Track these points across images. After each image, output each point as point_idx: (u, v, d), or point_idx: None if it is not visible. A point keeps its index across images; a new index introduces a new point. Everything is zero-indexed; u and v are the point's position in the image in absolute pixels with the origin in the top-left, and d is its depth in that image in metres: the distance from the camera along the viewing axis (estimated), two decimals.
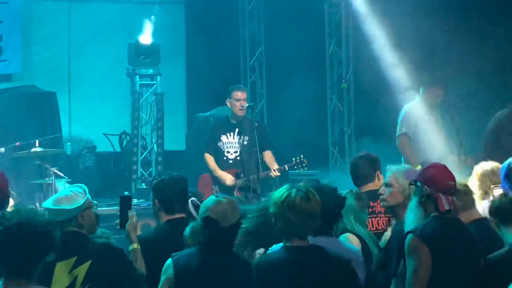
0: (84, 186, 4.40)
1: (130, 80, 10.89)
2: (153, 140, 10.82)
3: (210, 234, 3.92)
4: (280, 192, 3.81)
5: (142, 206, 8.85)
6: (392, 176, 4.77)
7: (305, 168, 8.04)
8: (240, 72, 12.26)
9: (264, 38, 12.09)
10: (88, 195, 4.30)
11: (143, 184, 10.41)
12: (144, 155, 10.78)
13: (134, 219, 4.53)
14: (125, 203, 4.59)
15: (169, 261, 4.01)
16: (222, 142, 8.26)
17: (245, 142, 8.16)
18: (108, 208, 8.61)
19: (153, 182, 5.03)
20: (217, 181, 8.16)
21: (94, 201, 4.36)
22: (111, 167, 10.41)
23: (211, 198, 4.05)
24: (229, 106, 8.30)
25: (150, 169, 10.72)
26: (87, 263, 4.07)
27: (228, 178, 8.07)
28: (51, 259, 3.98)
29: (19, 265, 3.14)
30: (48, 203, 4.27)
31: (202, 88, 11.72)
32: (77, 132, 11.70)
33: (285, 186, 3.86)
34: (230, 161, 8.22)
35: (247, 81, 12.11)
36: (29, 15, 11.79)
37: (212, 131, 8.50)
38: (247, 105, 8.18)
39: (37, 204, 8.45)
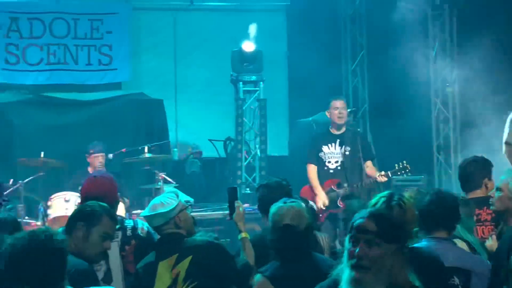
0: (176, 190, 4.61)
1: (234, 86, 11.10)
2: (257, 146, 10.97)
3: (290, 240, 3.92)
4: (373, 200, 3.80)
5: (247, 211, 8.96)
6: (505, 181, 4.69)
7: (409, 174, 7.98)
8: (341, 77, 12.25)
9: (365, 42, 12.04)
10: (181, 198, 4.48)
11: (247, 189, 10.57)
12: (248, 160, 10.94)
13: (240, 208, 4.65)
14: (232, 194, 4.71)
15: (260, 277, 3.92)
16: (324, 153, 8.32)
17: (347, 152, 8.19)
18: (212, 213, 8.81)
19: (258, 188, 5.17)
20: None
21: (189, 200, 4.53)
22: (216, 172, 10.63)
23: (280, 206, 4.06)
24: (329, 117, 8.39)
25: (254, 174, 10.87)
26: (188, 259, 4.20)
27: (321, 200, 8.11)
28: (152, 259, 4.17)
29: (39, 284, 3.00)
30: (146, 212, 4.47)
31: (304, 93, 11.76)
32: (184, 138, 11.96)
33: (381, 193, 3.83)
34: (331, 171, 8.26)
35: (349, 86, 12.09)
36: (137, 25, 12.16)
37: (313, 141, 8.56)
38: (348, 110, 8.24)
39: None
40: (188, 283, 4.03)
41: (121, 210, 7.43)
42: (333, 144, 8.29)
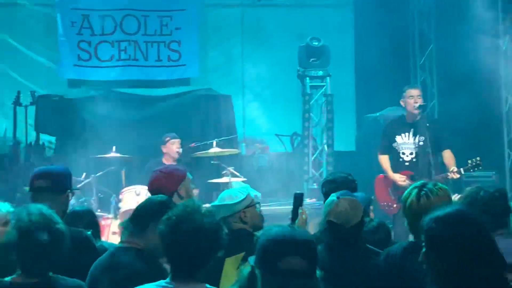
0: (248, 186, 4.66)
1: (300, 82, 11.09)
2: (323, 141, 10.94)
3: (334, 236, 3.92)
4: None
5: (314, 206, 8.99)
6: None
7: (480, 168, 7.79)
8: (409, 71, 12.09)
9: (434, 36, 11.85)
10: (252, 195, 4.52)
11: (314, 184, 10.56)
12: (315, 155, 10.93)
13: (303, 215, 4.64)
14: (297, 200, 4.71)
15: None
16: (397, 143, 8.16)
17: (421, 143, 8.00)
18: (280, 207, 8.83)
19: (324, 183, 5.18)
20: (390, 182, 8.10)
21: (257, 195, 4.58)
22: (283, 167, 10.65)
23: (331, 200, 4.06)
24: (404, 106, 8.23)
25: (321, 170, 10.85)
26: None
27: (401, 180, 7.96)
28: (221, 255, 4.21)
29: (187, 266, 3.11)
30: (215, 202, 4.57)
31: (371, 88, 11.67)
32: (251, 133, 12.03)
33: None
34: (406, 163, 8.09)
35: (417, 80, 11.91)
36: (205, 21, 12.27)
37: (386, 131, 8.42)
38: (422, 104, 8.10)
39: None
40: None
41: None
42: (407, 134, 8.14)
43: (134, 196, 8.42)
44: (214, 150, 9.18)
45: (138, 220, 3.89)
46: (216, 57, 12.31)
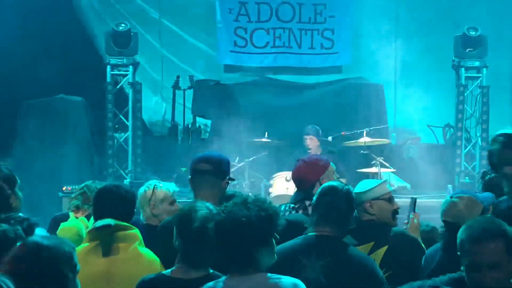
0: (394, 175, 4.59)
1: (455, 72, 10.77)
2: (477, 134, 10.59)
3: (450, 236, 3.77)
4: None
5: None
6: None
7: None
8: None
9: None
10: (389, 187, 4.44)
11: (466, 178, 10.26)
12: (468, 148, 10.61)
13: (415, 220, 4.65)
14: (411, 206, 4.75)
15: None
16: None
17: None
18: (430, 200, 8.67)
19: (486, 178, 5.00)
20: None
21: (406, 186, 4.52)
22: (434, 159, 10.41)
23: (446, 200, 3.98)
24: None
25: (474, 163, 10.52)
26: (383, 249, 4.18)
27: None
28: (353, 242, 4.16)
29: (240, 255, 3.11)
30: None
31: None
32: (402, 123, 11.83)
33: None
34: None
35: None
36: (360, 8, 12.15)
37: None
38: None
39: None
40: (383, 271, 3.97)
41: None
42: None
43: (284, 182, 8.54)
44: (364, 139, 9.14)
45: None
46: (369, 45, 12.10)
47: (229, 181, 4.41)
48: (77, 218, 5.75)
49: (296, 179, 4.86)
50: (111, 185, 4.27)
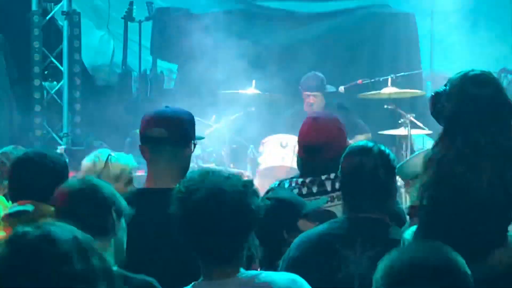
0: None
1: None
2: None
3: None
4: None
5: None
6: None
7: None
8: None
9: None
10: None
11: None
12: None
13: None
14: None
15: None
16: None
17: None
18: None
19: None
20: None
21: None
22: None
23: None
24: None
25: None
26: None
27: None
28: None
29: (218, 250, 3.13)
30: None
31: None
32: (441, 66, 11.76)
33: None
34: None
35: None
36: None
37: None
38: None
39: None
40: None
41: None
42: None
43: (279, 148, 8.45)
44: (389, 90, 9.07)
45: None
46: None
47: (195, 144, 4.31)
48: None
49: (310, 144, 4.83)
50: (33, 152, 4.33)
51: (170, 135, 4.20)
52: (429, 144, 9.41)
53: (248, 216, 3.09)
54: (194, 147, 4.31)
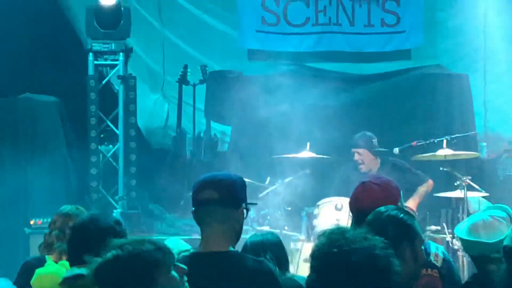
0: (508, 208, 4.40)
1: None
2: None
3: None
4: None
5: None
6: None
7: None
8: None
9: None
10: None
11: None
12: None
13: None
14: None
15: None
16: None
17: None
18: None
19: None
20: None
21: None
22: None
23: None
24: None
25: None
26: None
27: None
28: None
29: None
30: (462, 231, 4.40)
31: None
32: (495, 127, 11.71)
33: None
34: None
35: None
36: None
37: None
38: None
39: (444, 225, 8.67)
40: None
41: None
42: None
43: (334, 211, 8.41)
44: (444, 152, 8.94)
45: None
46: (447, 20, 12.01)
47: (247, 210, 4.29)
48: (56, 262, 5.65)
49: (357, 209, 4.77)
50: (89, 217, 4.32)
51: (221, 197, 4.19)
52: (484, 206, 9.36)
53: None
54: (247, 212, 4.29)
